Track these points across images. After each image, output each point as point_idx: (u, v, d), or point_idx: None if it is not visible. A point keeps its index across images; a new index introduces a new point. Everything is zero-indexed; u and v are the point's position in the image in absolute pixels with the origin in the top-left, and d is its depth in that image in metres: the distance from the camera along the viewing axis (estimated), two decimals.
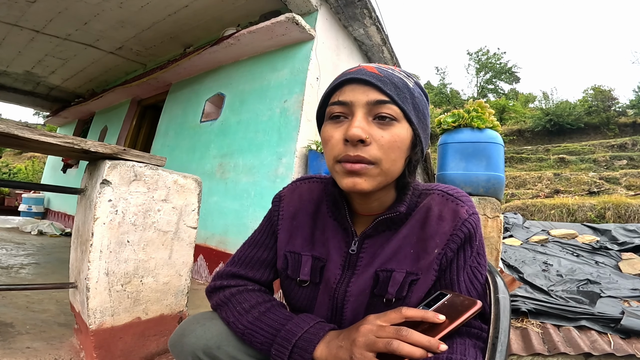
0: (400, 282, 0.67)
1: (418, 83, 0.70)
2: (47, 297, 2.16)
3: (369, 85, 0.63)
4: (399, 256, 0.69)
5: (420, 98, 0.68)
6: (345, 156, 0.63)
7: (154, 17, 4.06)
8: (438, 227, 0.68)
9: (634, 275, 3.29)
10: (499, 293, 0.63)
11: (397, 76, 0.66)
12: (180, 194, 1.65)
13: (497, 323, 0.58)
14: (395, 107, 0.63)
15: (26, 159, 20.42)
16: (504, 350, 0.54)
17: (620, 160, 15.10)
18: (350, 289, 0.71)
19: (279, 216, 0.83)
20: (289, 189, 0.86)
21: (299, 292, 0.77)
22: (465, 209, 0.68)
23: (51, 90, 7.10)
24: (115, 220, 1.42)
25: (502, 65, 34.23)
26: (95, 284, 1.38)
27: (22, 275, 2.69)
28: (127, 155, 1.45)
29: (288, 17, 2.92)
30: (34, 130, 1.20)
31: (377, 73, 0.64)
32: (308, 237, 0.79)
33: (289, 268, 0.78)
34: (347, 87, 0.65)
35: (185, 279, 1.70)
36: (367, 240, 0.73)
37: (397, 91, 0.64)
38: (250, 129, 3.35)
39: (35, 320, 1.76)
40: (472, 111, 2.26)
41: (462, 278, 0.67)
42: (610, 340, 1.93)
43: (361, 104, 0.63)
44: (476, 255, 0.68)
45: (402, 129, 0.64)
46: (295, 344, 0.64)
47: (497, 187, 2.15)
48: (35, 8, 4.00)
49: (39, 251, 3.81)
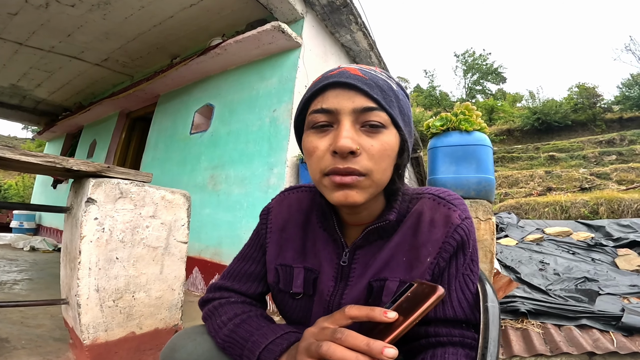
0: (394, 291, 0.64)
1: (399, 84, 0.67)
2: (41, 312, 2.15)
3: (354, 89, 0.58)
4: (392, 264, 0.67)
5: (405, 100, 0.65)
6: (334, 169, 0.58)
7: (139, 28, 4.06)
8: (430, 234, 0.65)
9: (632, 271, 3.29)
10: (488, 301, 0.61)
11: (382, 78, 0.62)
12: (168, 210, 1.63)
13: (486, 333, 0.56)
14: (383, 113, 0.59)
15: (16, 175, 20.22)
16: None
17: (609, 155, 15.28)
18: (344, 301, 0.68)
19: (267, 229, 0.80)
20: (277, 200, 0.83)
21: (293, 304, 0.75)
22: (458, 214, 0.65)
23: (38, 104, 7.05)
24: (103, 237, 1.41)
25: (488, 66, 34.59)
26: (86, 300, 1.38)
27: (15, 291, 2.67)
28: (111, 172, 1.43)
29: (274, 26, 2.92)
30: (14, 151, 1.18)
31: (361, 76, 0.59)
32: (299, 248, 0.76)
33: (280, 282, 0.76)
34: (329, 92, 0.60)
35: (179, 293, 1.69)
36: (359, 250, 0.70)
37: (383, 95, 0.59)
38: (241, 140, 3.34)
39: (31, 335, 1.76)
40: (460, 114, 2.27)
41: (454, 287, 0.64)
42: (612, 339, 1.92)
43: (347, 112, 0.58)
44: (469, 262, 0.65)
45: (390, 136, 0.60)
46: (259, 357, 0.61)
47: (488, 189, 2.15)
48: (17, 20, 3.97)
49: (32, 267, 3.76)
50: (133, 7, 3.66)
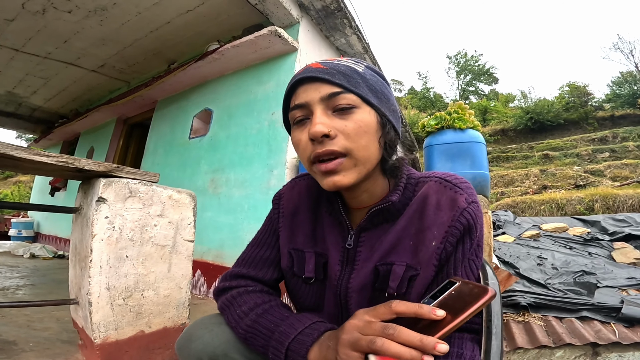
0: (401, 275, 0.65)
1: (370, 66, 0.70)
2: (47, 316, 2.15)
3: (318, 81, 0.64)
4: (399, 249, 0.67)
5: (375, 79, 0.68)
6: (315, 154, 0.63)
7: (136, 33, 4.08)
8: (436, 217, 0.65)
9: (628, 264, 3.33)
10: (488, 279, 0.65)
11: (344, 64, 0.66)
12: (175, 209, 1.67)
13: (489, 307, 0.59)
14: (350, 94, 0.63)
15: (11, 184, 20.09)
16: (499, 333, 0.54)
17: (602, 153, 15.43)
18: (351, 285, 0.70)
19: (280, 214, 0.83)
20: (288, 186, 0.86)
21: (306, 290, 0.77)
22: (464, 197, 0.65)
23: (34, 111, 7.02)
24: (113, 236, 1.44)
25: (480, 67, 34.92)
26: (97, 298, 1.39)
27: (19, 296, 2.68)
28: (120, 172, 1.47)
29: (271, 30, 2.97)
30: (28, 151, 1.22)
31: (322, 67, 0.64)
32: (309, 233, 0.78)
33: (294, 265, 0.77)
34: (299, 88, 0.66)
35: (186, 292, 1.72)
36: (364, 233, 0.72)
37: (347, 79, 0.63)
38: (240, 143, 3.38)
39: (38, 338, 1.76)
40: (453, 113, 2.33)
41: (460, 272, 0.64)
42: (614, 330, 1.94)
43: (316, 101, 0.63)
44: (476, 247, 0.66)
45: (364, 114, 0.64)
46: (288, 347, 0.62)
47: (483, 184, 2.20)
48: (13, 26, 3.98)
49: (34, 273, 3.77)
50: (130, 13, 3.69)
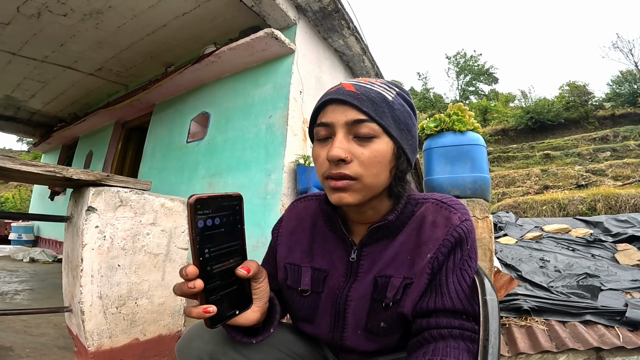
0: (398, 286, 0.70)
1: (401, 93, 0.73)
2: (44, 321, 2.15)
3: (347, 104, 0.67)
4: (397, 262, 0.72)
5: (402, 109, 0.70)
6: (329, 174, 0.67)
7: (132, 37, 4.07)
8: (432, 233, 0.70)
9: (632, 266, 3.30)
10: (486, 295, 0.62)
11: (376, 91, 0.69)
12: (168, 217, 1.64)
13: (487, 325, 0.57)
14: (373, 124, 0.66)
15: (13, 188, 20.13)
16: (496, 353, 0.53)
17: (603, 152, 15.41)
18: (351, 294, 0.74)
19: (279, 234, 0.89)
20: (287, 210, 0.94)
21: (301, 301, 0.80)
22: (458, 216, 0.71)
23: (33, 115, 7.01)
24: (104, 245, 1.42)
25: (480, 67, 34.84)
26: (89, 307, 1.38)
27: (17, 301, 2.67)
28: (110, 181, 1.44)
29: (267, 32, 2.94)
30: (14, 160, 1.19)
31: (354, 91, 0.67)
32: (306, 250, 0.83)
33: (288, 279, 0.82)
34: (328, 107, 0.69)
35: (181, 299, 1.70)
36: (366, 248, 0.76)
37: (374, 107, 0.66)
38: (238, 147, 3.35)
39: (35, 344, 1.76)
40: (453, 115, 2.29)
41: (452, 280, 0.68)
42: (618, 334, 1.91)
43: (341, 124, 0.67)
44: (467, 258, 0.69)
45: (381, 144, 0.67)
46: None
47: (483, 188, 2.16)
48: (9, 30, 3.96)
49: (33, 277, 3.76)
50: (125, 17, 3.67)
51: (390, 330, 0.71)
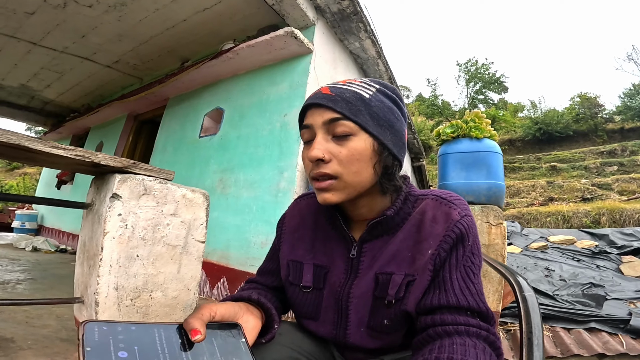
0: (399, 283, 0.70)
1: (382, 90, 0.74)
2: (46, 313, 2.12)
3: (322, 107, 0.69)
4: (398, 259, 0.72)
5: (381, 105, 0.72)
6: (313, 174, 0.71)
7: (152, 30, 4.11)
8: (432, 229, 0.71)
9: (636, 277, 3.33)
10: (524, 291, 0.64)
11: (351, 90, 0.71)
12: (188, 208, 1.64)
13: (529, 319, 0.58)
14: (349, 122, 0.68)
15: (17, 176, 20.20)
16: (541, 344, 0.54)
17: (610, 166, 15.32)
18: (353, 291, 0.75)
19: (282, 231, 0.92)
20: (290, 207, 0.96)
21: (303, 297, 0.81)
22: (458, 212, 0.71)
23: (45, 105, 7.08)
24: (125, 234, 1.41)
25: (490, 76, 34.59)
26: (104, 298, 1.36)
27: (19, 291, 2.65)
28: (136, 169, 1.45)
29: (287, 31, 2.96)
30: (45, 143, 1.20)
31: (329, 93, 0.70)
32: (309, 247, 0.85)
33: (290, 275, 0.84)
34: (309, 111, 0.72)
35: (194, 293, 1.69)
36: (366, 244, 0.77)
37: (348, 106, 0.68)
38: (251, 144, 3.36)
39: (37, 335, 1.73)
40: (470, 121, 2.31)
41: (455, 277, 0.68)
42: (622, 341, 1.95)
43: (319, 125, 0.70)
44: (470, 255, 0.70)
45: (359, 142, 0.69)
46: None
47: (498, 195, 2.18)
48: (33, 20, 4.01)
49: (35, 267, 3.76)
50: (148, 10, 3.71)
51: (393, 327, 0.71)
